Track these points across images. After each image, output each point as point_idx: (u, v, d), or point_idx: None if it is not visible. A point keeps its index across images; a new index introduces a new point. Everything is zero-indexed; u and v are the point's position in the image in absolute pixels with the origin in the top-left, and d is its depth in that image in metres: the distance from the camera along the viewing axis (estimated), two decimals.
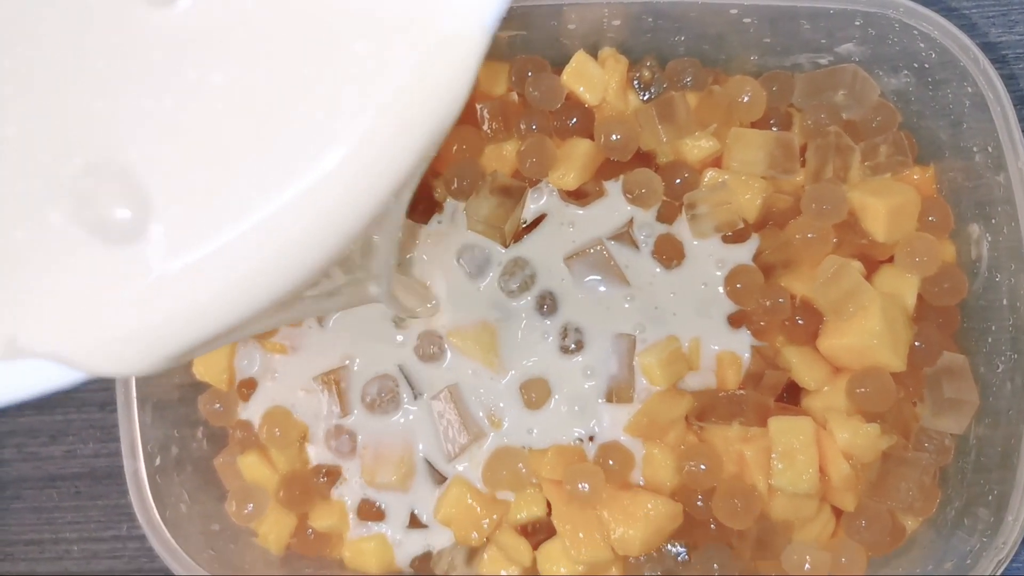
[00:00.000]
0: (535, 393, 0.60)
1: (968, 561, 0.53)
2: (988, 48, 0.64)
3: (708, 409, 0.58)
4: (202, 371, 0.62)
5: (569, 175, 0.60)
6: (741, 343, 0.60)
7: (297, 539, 0.62)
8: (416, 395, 0.61)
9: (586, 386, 0.60)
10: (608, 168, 0.62)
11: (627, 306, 0.60)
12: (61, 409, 0.70)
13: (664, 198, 0.61)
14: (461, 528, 0.59)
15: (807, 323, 0.59)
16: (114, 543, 0.68)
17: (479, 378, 0.61)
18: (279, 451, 0.61)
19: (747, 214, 0.60)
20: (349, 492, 0.61)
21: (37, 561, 0.69)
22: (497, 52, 0.63)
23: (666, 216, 0.61)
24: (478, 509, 0.59)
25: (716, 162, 0.62)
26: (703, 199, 0.59)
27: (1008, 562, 0.52)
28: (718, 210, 0.59)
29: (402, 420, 0.61)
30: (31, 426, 0.70)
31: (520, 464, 0.59)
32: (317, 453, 0.62)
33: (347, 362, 0.62)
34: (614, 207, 0.61)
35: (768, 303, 0.58)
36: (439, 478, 0.61)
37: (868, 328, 0.56)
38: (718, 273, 0.60)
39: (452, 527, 0.60)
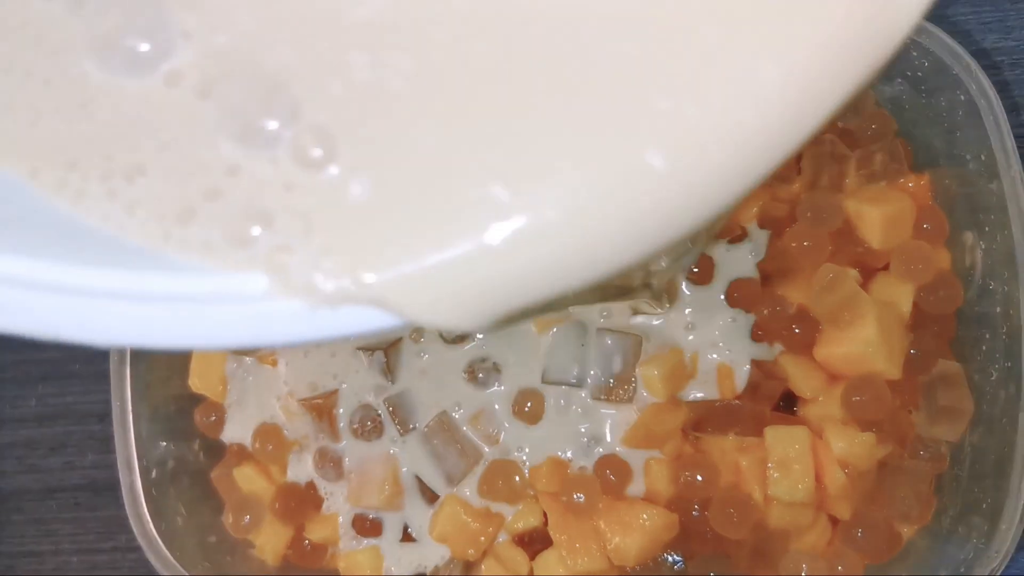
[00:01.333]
0: (530, 403, 0.60)
1: (963, 569, 0.53)
2: (983, 55, 0.64)
3: (704, 419, 0.58)
4: (197, 383, 0.63)
5: None
6: (741, 353, 0.60)
7: (293, 550, 0.62)
8: (403, 431, 0.61)
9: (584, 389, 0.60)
10: None
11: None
12: (60, 421, 0.70)
13: None
14: (457, 545, 0.59)
15: (804, 331, 0.58)
16: (113, 554, 0.69)
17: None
18: (274, 464, 0.62)
19: (743, 221, 0.60)
20: (342, 506, 0.62)
21: (37, 573, 0.69)
22: None
23: None
24: (474, 525, 0.59)
25: None
26: None
27: (1002, 569, 0.52)
28: None
29: (392, 450, 0.61)
30: (30, 438, 0.71)
31: (516, 477, 0.59)
32: (300, 470, 0.62)
33: (336, 386, 0.62)
34: None
35: (766, 311, 0.58)
36: (431, 496, 0.61)
37: (863, 336, 0.55)
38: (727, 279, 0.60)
39: (448, 544, 0.60)
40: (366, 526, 0.61)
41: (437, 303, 0.26)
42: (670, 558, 0.58)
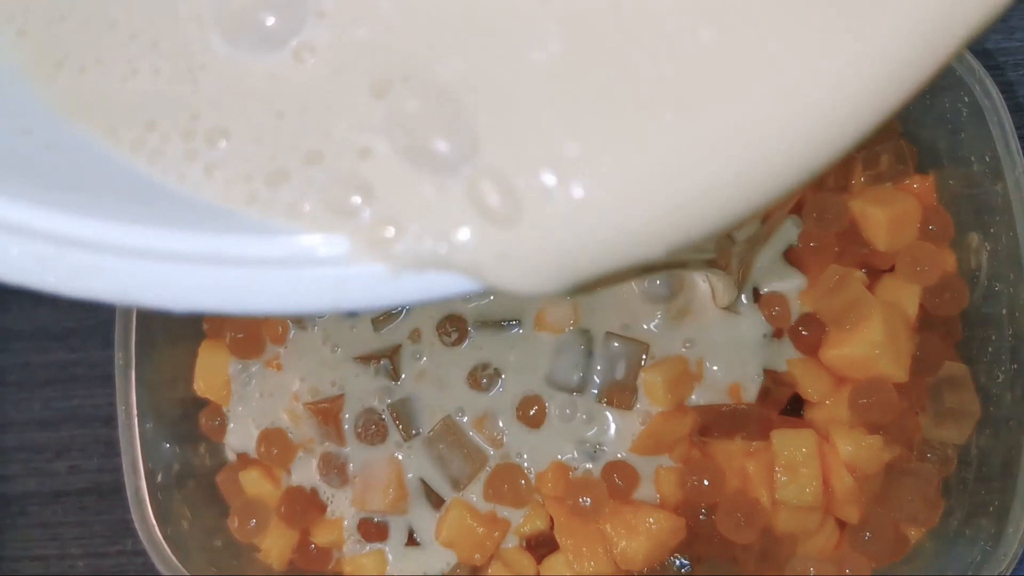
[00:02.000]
0: (535, 408, 0.60)
1: (970, 571, 0.53)
2: (987, 55, 0.63)
3: (711, 424, 0.58)
4: (202, 387, 0.63)
5: None
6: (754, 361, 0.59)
7: (299, 554, 0.62)
8: (407, 436, 0.61)
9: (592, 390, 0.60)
10: None
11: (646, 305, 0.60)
12: (66, 425, 0.70)
13: None
14: (464, 550, 0.59)
15: (810, 334, 0.58)
16: (119, 558, 0.69)
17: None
18: (279, 468, 0.62)
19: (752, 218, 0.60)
20: (347, 510, 0.62)
21: None
22: None
23: None
24: (480, 530, 0.59)
25: None
26: None
27: (1010, 572, 0.52)
28: None
29: (397, 455, 0.61)
30: (36, 442, 0.71)
31: (522, 480, 0.59)
32: (305, 474, 0.62)
33: (341, 391, 0.62)
34: None
35: (773, 312, 0.59)
36: (437, 500, 0.61)
37: (870, 338, 0.55)
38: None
39: (455, 549, 0.59)
40: (371, 530, 0.61)
41: (521, 268, 0.25)
42: (677, 562, 0.58)
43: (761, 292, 0.59)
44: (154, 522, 0.57)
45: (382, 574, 0.61)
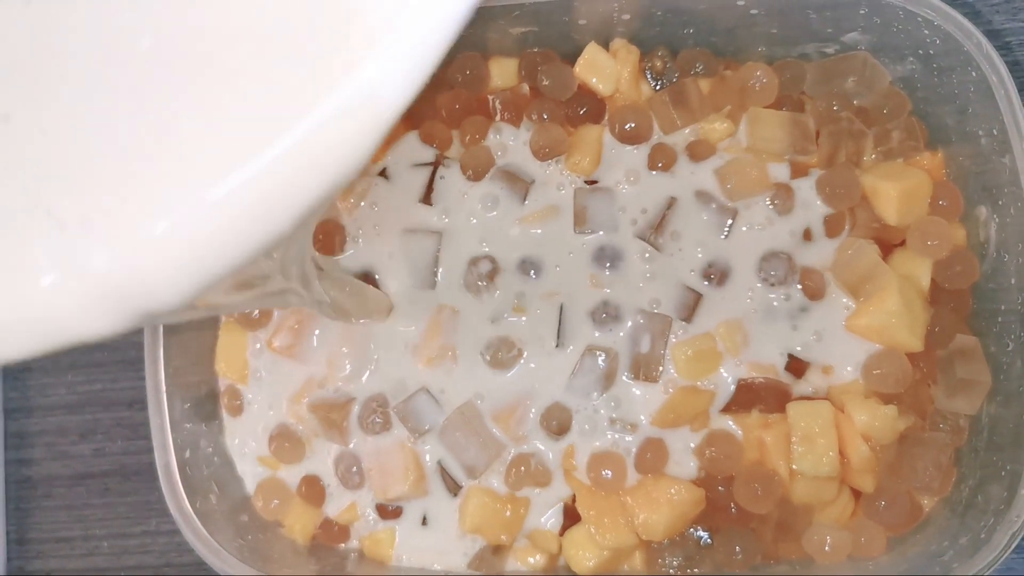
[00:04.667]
0: (556, 420, 0.60)
1: (983, 536, 0.53)
2: (992, 35, 0.64)
3: (730, 399, 0.59)
4: (223, 368, 0.64)
5: (585, 160, 0.61)
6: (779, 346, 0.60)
7: (322, 531, 0.63)
8: (416, 435, 0.61)
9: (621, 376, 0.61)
10: None
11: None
12: (90, 408, 0.71)
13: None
14: (490, 532, 0.60)
15: None
16: (144, 538, 0.70)
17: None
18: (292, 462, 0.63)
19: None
20: (364, 496, 0.62)
21: (68, 558, 0.70)
22: (508, 47, 0.64)
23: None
24: (504, 512, 0.59)
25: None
26: (731, 168, 0.60)
27: (1022, 535, 0.53)
28: (750, 169, 0.60)
29: (408, 444, 0.62)
30: (60, 425, 0.71)
31: (542, 463, 0.60)
32: (318, 464, 0.63)
33: (348, 398, 0.62)
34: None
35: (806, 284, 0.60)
36: (453, 485, 0.61)
37: (886, 308, 0.56)
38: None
39: (482, 534, 0.60)
40: (387, 511, 0.62)
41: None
42: (696, 533, 0.59)
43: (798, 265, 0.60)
44: (184, 496, 0.58)
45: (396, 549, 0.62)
